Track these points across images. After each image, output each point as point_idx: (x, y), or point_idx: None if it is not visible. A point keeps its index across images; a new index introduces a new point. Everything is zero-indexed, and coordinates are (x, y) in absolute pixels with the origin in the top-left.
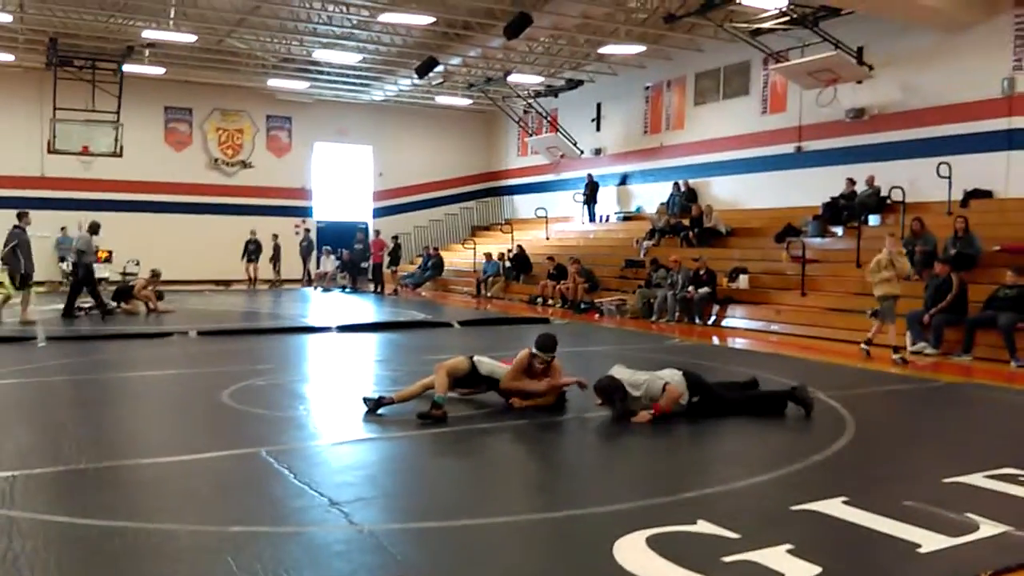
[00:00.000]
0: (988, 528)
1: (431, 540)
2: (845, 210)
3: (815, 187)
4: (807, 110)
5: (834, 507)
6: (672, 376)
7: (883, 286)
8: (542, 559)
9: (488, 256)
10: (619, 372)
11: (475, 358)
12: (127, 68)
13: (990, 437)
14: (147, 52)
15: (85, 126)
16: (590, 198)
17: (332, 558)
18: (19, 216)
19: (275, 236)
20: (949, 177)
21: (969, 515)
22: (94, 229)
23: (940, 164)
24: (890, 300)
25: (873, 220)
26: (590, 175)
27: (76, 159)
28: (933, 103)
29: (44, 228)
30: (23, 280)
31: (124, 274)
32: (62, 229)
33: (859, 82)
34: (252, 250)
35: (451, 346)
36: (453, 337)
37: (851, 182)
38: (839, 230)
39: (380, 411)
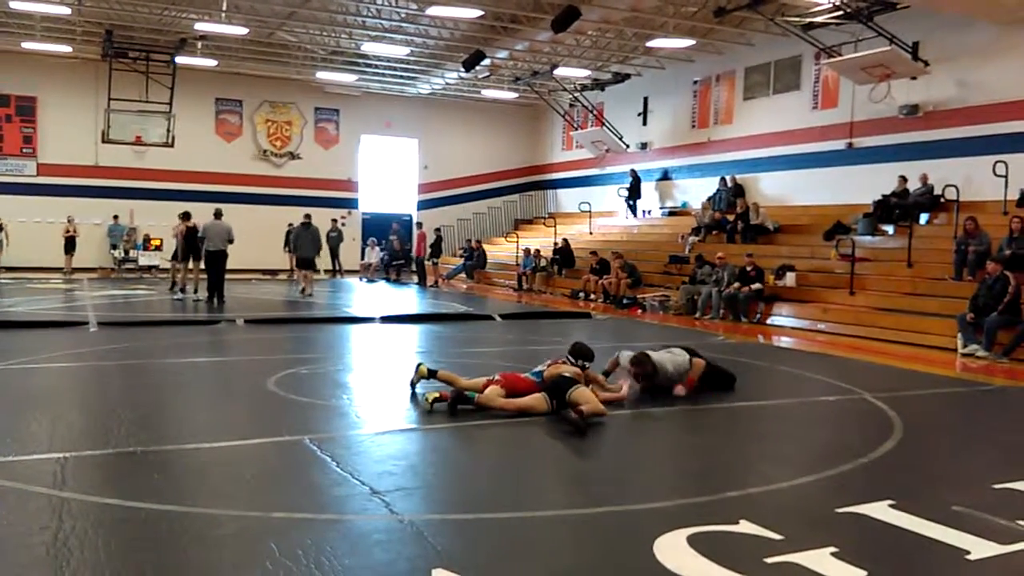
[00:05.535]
0: None
1: (471, 532)
2: (897, 208)
3: (866, 184)
4: (859, 106)
5: (880, 510)
6: (682, 353)
7: None
8: (583, 555)
9: (527, 252)
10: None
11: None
12: (180, 60)
13: None
14: (199, 44)
15: (139, 116)
16: (634, 193)
17: (372, 547)
18: (306, 216)
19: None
20: (1005, 176)
21: (1020, 522)
22: (218, 215)
23: (996, 162)
24: None
25: (924, 219)
26: (633, 170)
27: (129, 149)
28: (990, 100)
29: (96, 216)
30: (300, 263)
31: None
32: (114, 217)
33: (914, 78)
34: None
35: (493, 339)
36: (495, 330)
37: (903, 180)
38: (890, 229)
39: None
